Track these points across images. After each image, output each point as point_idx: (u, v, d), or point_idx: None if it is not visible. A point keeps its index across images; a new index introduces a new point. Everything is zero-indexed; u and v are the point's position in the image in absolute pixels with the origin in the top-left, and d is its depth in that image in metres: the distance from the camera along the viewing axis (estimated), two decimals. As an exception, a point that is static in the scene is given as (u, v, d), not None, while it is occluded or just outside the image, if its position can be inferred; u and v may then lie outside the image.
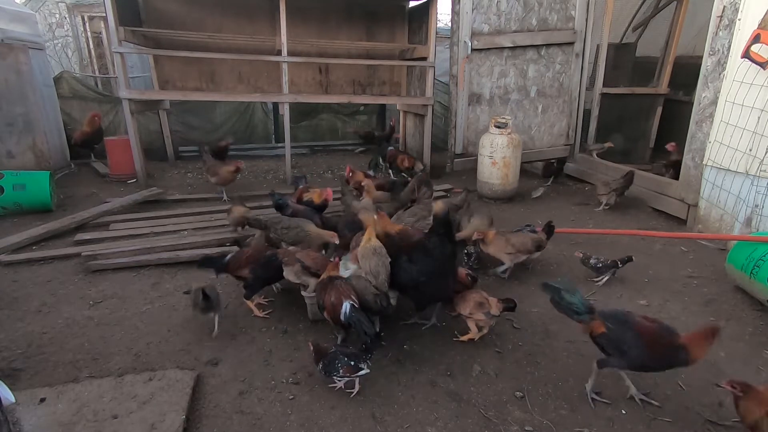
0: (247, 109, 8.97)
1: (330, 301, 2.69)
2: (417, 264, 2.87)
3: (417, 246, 2.95)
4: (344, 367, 2.42)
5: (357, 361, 2.44)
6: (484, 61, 6.32)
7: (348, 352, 2.49)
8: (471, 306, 2.87)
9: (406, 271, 2.89)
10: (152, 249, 4.12)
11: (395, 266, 2.92)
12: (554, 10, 6.43)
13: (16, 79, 6.10)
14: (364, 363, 2.45)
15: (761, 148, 4.02)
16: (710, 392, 2.54)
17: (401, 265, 2.91)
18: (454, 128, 6.50)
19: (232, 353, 2.82)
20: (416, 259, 2.88)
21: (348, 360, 2.43)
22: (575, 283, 2.74)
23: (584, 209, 5.62)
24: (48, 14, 9.74)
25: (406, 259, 2.92)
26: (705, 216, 4.68)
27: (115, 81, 8.20)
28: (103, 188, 6.24)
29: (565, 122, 6.98)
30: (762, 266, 3.23)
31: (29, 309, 3.28)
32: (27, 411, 2.22)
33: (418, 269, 2.86)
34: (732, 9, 4.25)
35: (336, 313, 2.64)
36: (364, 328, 2.54)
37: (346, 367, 2.42)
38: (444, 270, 2.91)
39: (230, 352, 2.84)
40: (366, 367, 2.45)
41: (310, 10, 7.58)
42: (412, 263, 2.89)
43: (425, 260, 2.86)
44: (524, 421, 2.33)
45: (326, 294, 2.73)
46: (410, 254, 2.92)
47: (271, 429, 2.27)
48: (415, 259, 2.89)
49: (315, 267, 3.08)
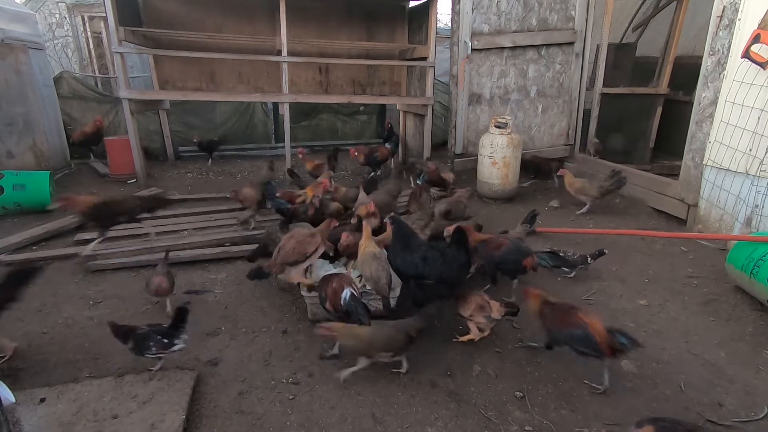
0: (247, 109, 8.97)
1: (332, 287, 2.74)
2: (431, 267, 2.93)
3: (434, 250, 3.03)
4: (157, 345, 2.47)
5: (170, 338, 2.49)
6: (484, 61, 6.33)
7: (161, 330, 2.54)
8: (472, 308, 2.87)
9: (417, 268, 2.95)
10: (152, 249, 4.12)
11: (408, 262, 2.97)
12: (554, 10, 6.43)
13: (16, 79, 6.09)
14: (178, 339, 2.51)
15: (761, 148, 4.02)
16: (710, 392, 2.54)
17: (415, 264, 2.96)
18: (454, 128, 6.50)
19: (232, 353, 2.82)
20: (431, 261, 2.94)
21: (161, 338, 2.48)
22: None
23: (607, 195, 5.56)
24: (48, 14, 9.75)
25: (420, 257, 2.96)
26: (705, 216, 4.68)
27: (115, 81, 8.20)
28: (103, 188, 6.23)
29: (565, 122, 6.99)
30: (762, 266, 3.23)
31: (29, 309, 3.28)
32: (27, 411, 2.22)
33: (430, 272, 2.92)
34: (732, 9, 4.25)
35: (337, 299, 2.69)
36: (360, 317, 2.59)
37: (159, 345, 2.47)
38: (453, 277, 2.97)
39: (230, 352, 2.84)
40: (182, 342, 2.50)
41: (310, 10, 7.57)
42: (426, 263, 2.94)
43: (440, 265, 2.92)
44: (524, 421, 2.33)
45: (329, 284, 2.78)
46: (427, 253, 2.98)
47: (271, 429, 2.27)
48: (429, 261, 2.94)
49: (300, 258, 3.04)
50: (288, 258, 3.01)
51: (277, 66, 6.92)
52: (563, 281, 3.81)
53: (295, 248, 3.04)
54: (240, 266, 3.93)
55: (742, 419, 2.34)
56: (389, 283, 2.93)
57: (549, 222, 5.14)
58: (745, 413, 2.38)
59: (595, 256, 3.83)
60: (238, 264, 4.00)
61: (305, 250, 3.04)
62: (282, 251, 3.06)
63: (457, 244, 3.00)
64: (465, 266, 3.05)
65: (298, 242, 3.07)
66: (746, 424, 2.32)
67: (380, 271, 2.90)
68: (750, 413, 2.38)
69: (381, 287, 2.88)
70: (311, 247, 3.06)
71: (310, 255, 3.06)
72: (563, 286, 3.71)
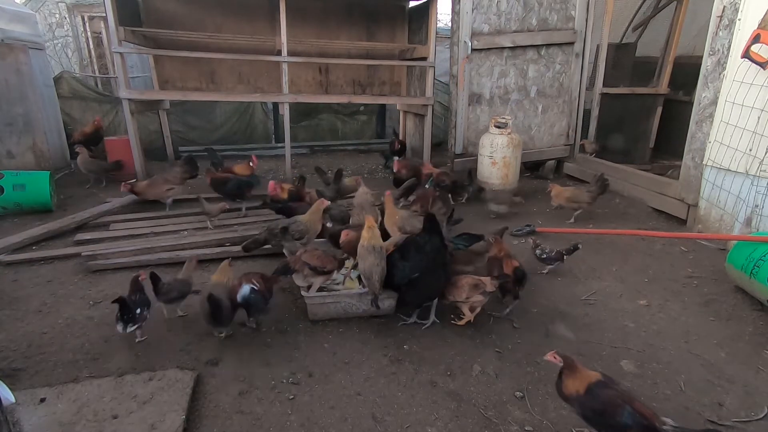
0: (247, 109, 8.97)
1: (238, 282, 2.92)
2: (410, 261, 2.93)
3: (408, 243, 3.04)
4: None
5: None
6: (484, 61, 6.32)
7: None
8: (467, 290, 2.90)
9: (398, 268, 2.94)
10: (152, 249, 4.12)
11: (389, 265, 2.96)
12: (554, 10, 6.43)
13: (16, 79, 6.09)
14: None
15: (761, 148, 4.02)
16: (710, 392, 2.54)
17: (394, 264, 2.96)
18: (454, 128, 6.50)
19: (232, 353, 2.82)
20: (408, 256, 2.94)
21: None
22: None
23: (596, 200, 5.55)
24: (48, 14, 9.74)
25: (398, 257, 2.96)
26: (705, 216, 4.68)
27: (115, 81, 8.19)
28: (103, 188, 6.24)
29: (565, 122, 6.98)
30: (762, 266, 3.23)
31: (29, 309, 3.28)
32: (27, 411, 2.22)
33: (411, 266, 2.91)
34: (732, 9, 4.25)
35: (234, 293, 2.86)
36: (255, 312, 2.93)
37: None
38: (434, 264, 2.95)
39: (230, 352, 2.83)
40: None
41: (310, 10, 7.58)
42: (404, 260, 2.93)
43: (417, 256, 2.91)
44: (524, 421, 2.33)
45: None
46: (402, 252, 2.98)
47: (271, 429, 2.27)
48: (407, 256, 2.94)
49: (321, 265, 3.13)
50: (311, 260, 3.12)
51: (277, 66, 6.92)
52: (563, 281, 3.81)
53: (320, 256, 3.16)
54: (240, 266, 3.92)
55: (742, 419, 2.34)
56: (381, 279, 2.90)
57: (549, 222, 5.14)
58: (745, 413, 2.38)
59: (570, 251, 3.88)
60: (238, 264, 4.00)
61: (325, 264, 3.14)
62: (308, 253, 3.19)
63: (429, 231, 2.95)
64: (440, 249, 2.96)
65: (325, 253, 3.24)
66: (746, 424, 2.32)
67: (374, 266, 2.90)
68: (750, 413, 2.38)
69: (372, 284, 2.89)
70: (330, 266, 3.18)
71: (328, 271, 3.18)
72: (563, 287, 3.71)
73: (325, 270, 3.13)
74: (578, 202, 5.11)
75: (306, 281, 3.15)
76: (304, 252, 3.21)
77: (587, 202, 5.10)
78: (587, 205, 5.12)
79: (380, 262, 2.92)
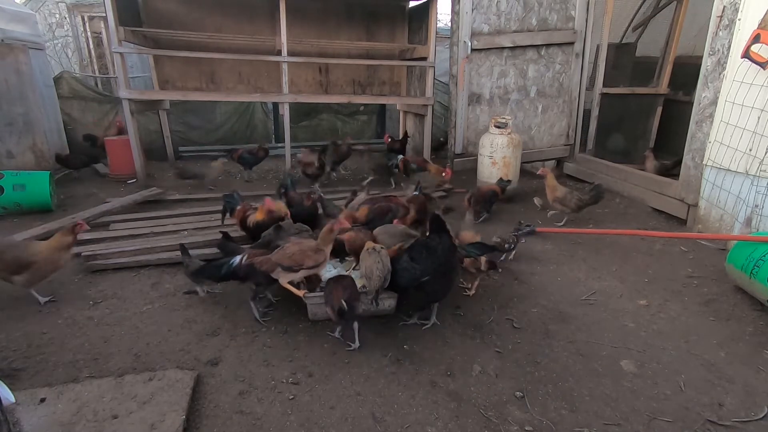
0: (247, 109, 8.98)
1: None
2: (421, 264, 2.88)
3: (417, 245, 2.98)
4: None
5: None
6: (484, 61, 6.33)
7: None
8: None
9: (409, 271, 2.90)
10: (152, 249, 4.12)
11: (397, 267, 2.92)
12: (554, 10, 6.43)
13: (16, 79, 6.10)
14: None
15: (761, 148, 4.02)
16: (710, 392, 2.54)
17: (404, 267, 2.91)
18: (454, 128, 6.50)
19: (232, 353, 2.82)
20: (419, 259, 2.89)
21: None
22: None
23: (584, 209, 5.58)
24: (48, 14, 9.76)
25: (407, 258, 2.93)
26: (705, 216, 4.68)
27: (115, 81, 8.20)
28: (103, 188, 6.24)
29: (565, 122, 6.99)
30: (762, 266, 3.23)
31: (29, 309, 3.28)
32: (27, 411, 2.22)
33: (422, 269, 2.87)
34: (732, 9, 4.25)
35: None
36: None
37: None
38: (446, 267, 2.91)
39: (230, 352, 2.84)
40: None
41: (310, 11, 7.58)
42: (415, 263, 2.89)
43: (429, 259, 2.86)
44: (524, 421, 2.32)
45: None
46: (412, 254, 2.93)
47: (271, 429, 2.27)
48: (417, 259, 2.89)
49: (295, 265, 2.98)
50: (282, 261, 2.97)
51: (277, 66, 6.93)
52: (563, 281, 3.81)
53: (293, 255, 2.98)
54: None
55: (742, 419, 2.34)
56: (381, 277, 2.86)
57: (548, 223, 5.14)
58: (745, 413, 2.38)
59: (524, 234, 4.14)
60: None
61: (302, 262, 2.96)
62: (280, 252, 3.04)
63: (437, 231, 2.89)
64: (451, 249, 2.92)
65: (301, 251, 3.00)
66: (746, 424, 2.32)
67: (373, 265, 2.88)
68: (750, 413, 2.38)
69: (371, 283, 2.87)
70: (310, 261, 2.97)
71: (306, 268, 2.97)
72: (563, 287, 3.71)
73: (302, 267, 2.96)
74: (563, 206, 4.94)
75: (287, 278, 3.01)
76: (278, 250, 3.05)
77: (572, 209, 4.91)
78: (571, 212, 4.96)
79: (380, 260, 2.91)
